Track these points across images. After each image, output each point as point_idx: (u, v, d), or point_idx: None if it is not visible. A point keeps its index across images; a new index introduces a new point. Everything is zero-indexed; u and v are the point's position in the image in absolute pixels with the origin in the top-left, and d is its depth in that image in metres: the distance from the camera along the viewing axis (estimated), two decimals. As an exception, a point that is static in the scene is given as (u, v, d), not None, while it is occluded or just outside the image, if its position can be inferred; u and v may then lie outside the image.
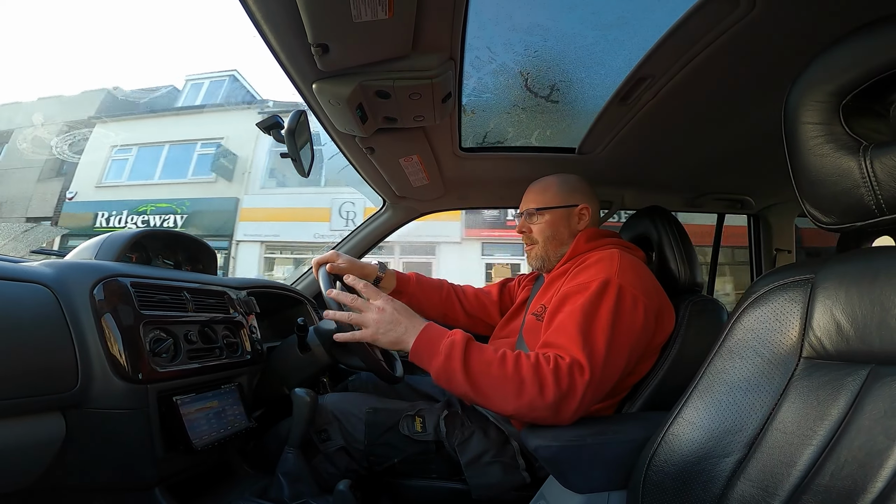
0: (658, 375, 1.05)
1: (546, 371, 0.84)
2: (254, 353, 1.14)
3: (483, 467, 1.00)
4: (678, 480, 0.67)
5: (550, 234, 1.18)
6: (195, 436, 0.89)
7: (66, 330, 0.80)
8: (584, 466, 0.85)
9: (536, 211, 1.20)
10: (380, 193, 1.70)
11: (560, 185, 1.21)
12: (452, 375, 0.85)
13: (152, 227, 1.25)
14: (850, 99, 0.56)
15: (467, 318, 1.48)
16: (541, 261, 1.20)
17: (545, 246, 1.19)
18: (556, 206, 1.19)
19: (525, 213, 1.23)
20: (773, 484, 0.57)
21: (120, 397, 0.82)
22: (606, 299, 0.92)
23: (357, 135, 1.14)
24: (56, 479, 0.82)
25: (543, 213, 1.19)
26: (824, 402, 0.56)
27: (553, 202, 1.19)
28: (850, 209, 0.56)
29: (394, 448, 1.03)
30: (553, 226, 1.18)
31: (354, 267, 1.31)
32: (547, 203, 1.19)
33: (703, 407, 0.68)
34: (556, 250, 1.18)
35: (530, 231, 1.21)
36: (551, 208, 1.19)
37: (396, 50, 0.84)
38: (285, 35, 0.78)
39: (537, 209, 1.20)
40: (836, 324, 0.58)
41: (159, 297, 0.96)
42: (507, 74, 1.14)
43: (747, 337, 0.66)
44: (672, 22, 0.79)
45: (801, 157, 0.61)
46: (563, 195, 1.19)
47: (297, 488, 0.95)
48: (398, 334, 0.91)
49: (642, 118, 1.10)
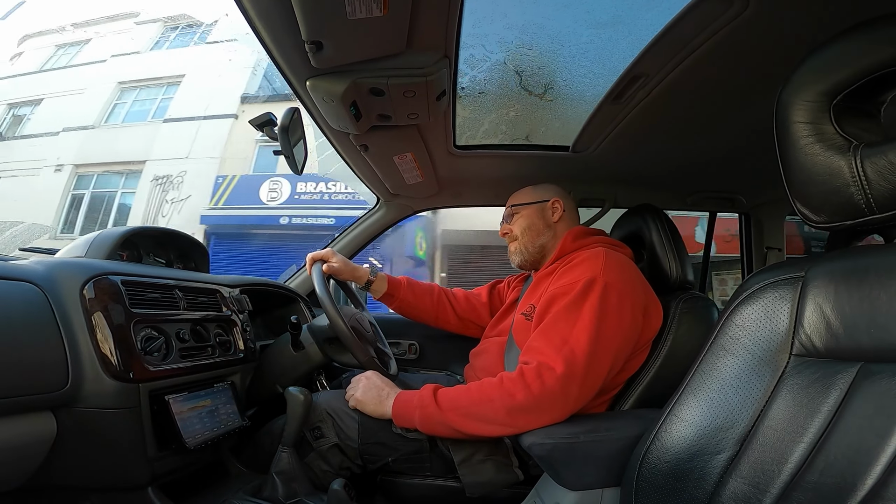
0: (650, 372, 1.06)
1: (510, 379, 0.93)
2: (247, 352, 1.14)
3: (476, 465, 1.00)
4: (671, 478, 0.68)
5: (527, 226, 1.28)
6: (188, 435, 0.88)
7: (56, 329, 0.78)
8: (577, 464, 0.86)
9: (512, 207, 1.32)
10: (373, 191, 1.69)
11: (533, 187, 1.34)
12: (431, 419, 0.95)
13: (143, 225, 1.24)
14: (841, 98, 0.57)
15: (458, 320, 1.50)
16: (521, 255, 1.29)
17: (523, 239, 1.28)
18: (529, 202, 1.30)
19: (505, 217, 1.35)
20: (764, 481, 0.58)
21: (111, 396, 0.81)
22: (591, 297, 0.97)
23: (351, 132, 1.14)
24: (47, 479, 0.81)
25: (519, 209, 1.31)
26: (814, 400, 0.56)
27: (527, 199, 1.31)
28: (841, 208, 0.57)
29: (387, 447, 1.03)
30: (528, 218, 1.28)
31: (347, 268, 1.33)
32: (521, 201, 1.32)
33: (695, 404, 0.69)
34: (533, 241, 1.27)
35: (511, 231, 1.31)
36: (526, 204, 1.30)
37: (391, 47, 0.84)
38: (279, 32, 0.78)
39: (513, 205, 1.33)
40: (825, 321, 0.58)
41: (150, 295, 0.95)
42: (501, 72, 1.14)
43: (738, 334, 0.67)
44: (666, 21, 0.79)
45: (791, 155, 0.61)
46: (535, 193, 1.32)
47: (291, 487, 0.95)
48: (381, 398, 1.03)
49: (636, 117, 1.11)
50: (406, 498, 1.07)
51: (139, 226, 1.23)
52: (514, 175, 1.54)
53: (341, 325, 1.08)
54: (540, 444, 0.86)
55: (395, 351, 1.78)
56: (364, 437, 1.03)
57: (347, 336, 1.09)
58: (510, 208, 1.33)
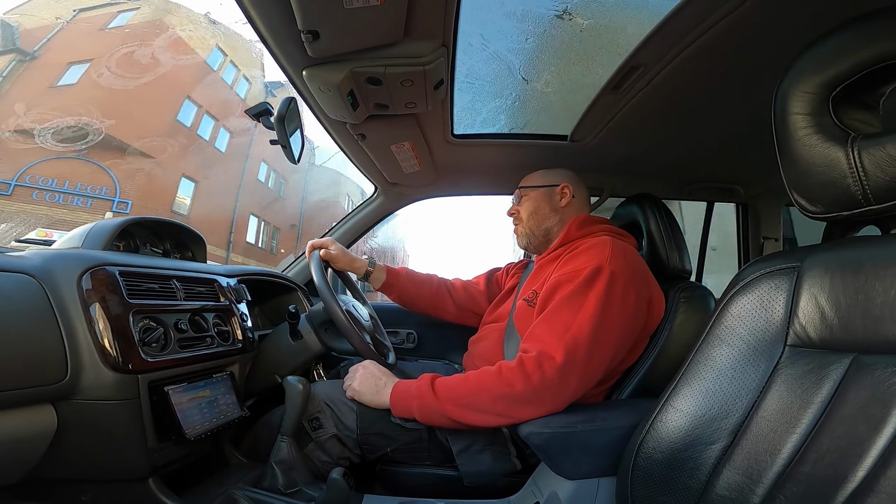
0: (647, 362, 1.07)
1: (508, 369, 0.92)
2: (245, 342, 1.14)
3: (474, 454, 1.01)
4: (666, 467, 0.69)
5: (533, 210, 1.28)
6: (187, 425, 0.88)
7: (54, 320, 0.78)
8: (574, 453, 0.86)
9: (521, 189, 1.32)
10: (371, 180, 1.69)
11: (545, 171, 1.32)
12: (429, 409, 0.95)
13: (139, 216, 1.23)
14: (840, 90, 0.57)
15: (457, 309, 1.51)
16: (526, 238, 1.30)
17: (528, 222, 1.28)
18: (538, 185, 1.29)
19: (514, 197, 1.34)
20: (757, 471, 0.58)
21: (110, 388, 0.81)
22: (597, 285, 0.96)
23: (348, 121, 1.13)
24: (48, 471, 0.81)
25: (528, 191, 1.30)
26: (808, 391, 0.57)
27: (536, 182, 1.31)
28: (837, 199, 0.57)
29: (386, 437, 1.04)
30: (536, 201, 1.28)
31: (346, 257, 1.33)
32: (531, 183, 1.31)
33: (690, 394, 0.69)
34: (538, 224, 1.27)
35: (518, 212, 1.31)
36: (535, 187, 1.30)
37: (388, 36, 0.83)
38: (275, 21, 0.77)
39: (521, 187, 1.32)
40: (820, 312, 0.59)
41: (148, 285, 0.94)
42: (499, 61, 1.13)
43: (734, 324, 0.67)
44: (667, 11, 0.78)
45: (789, 146, 0.61)
46: (546, 177, 1.30)
47: (290, 477, 0.96)
48: (379, 388, 1.03)
49: (634, 106, 1.10)
50: (405, 487, 1.08)
51: (135, 216, 1.22)
52: (512, 164, 1.54)
53: (335, 307, 1.08)
54: (537, 433, 0.87)
55: (394, 340, 1.79)
56: (362, 427, 1.04)
57: (341, 319, 1.09)
58: (520, 190, 1.32)
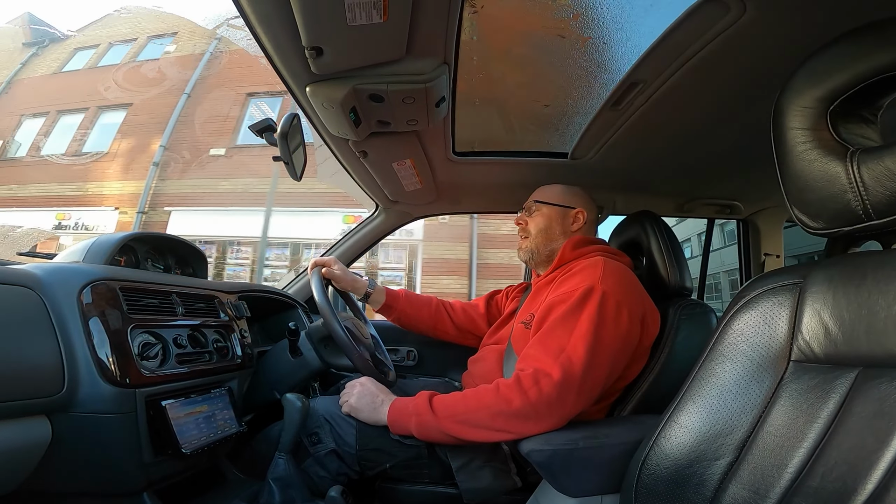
0: (649, 378, 1.06)
1: (506, 386, 0.92)
2: (244, 358, 1.13)
3: (474, 471, 1.00)
4: (670, 484, 0.68)
5: (543, 227, 1.25)
6: (184, 440, 0.87)
7: (53, 333, 0.78)
8: (576, 470, 0.85)
9: (536, 203, 1.28)
10: (372, 197, 1.69)
11: (564, 188, 1.29)
12: (427, 426, 0.94)
13: (141, 232, 1.23)
14: (837, 104, 0.57)
15: (457, 331, 1.50)
16: (529, 253, 1.27)
17: (536, 238, 1.25)
18: (555, 202, 1.26)
19: (525, 207, 1.31)
20: (763, 487, 0.57)
21: (107, 401, 0.80)
22: (589, 306, 0.97)
23: (350, 138, 1.14)
24: (42, 484, 0.80)
25: (542, 206, 1.27)
26: (814, 405, 0.56)
27: (553, 199, 1.27)
28: (838, 214, 0.57)
29: (385, 453, 1.02)
30: (548, 219, 1.25)
31: (347, 277, 1.34)
32: (548, 199, 1.27)
33: (694, 410, 0.69)
34: (545, 244, 1.24)
35: (526, 224, 1.28)
36: (550, 203, 1.26)
37: (390, 54, 0.84)
38: (279, 37, 0.78)
39: (537, 201, 1.28)
40: (824, 327, 0.58)
41: (148, 300, 0.94)
42: (500, 79, 1.14)
43: (737, 341, 0.67)
44: (664, 28, 0.79)
45: (789, 162, 0.61)
46: (564, 196, 1.27)
47: (288, 494, 0.94)
48: (376, 405, 1.02)
49: (634, 123, 1.11)
50: None
51: (137, 231, 1.23)
52: (513, 182, 1.55)
53: (335, 323, 1.08)
54: (539, 450, 0.86)
55: (394, 357, 1.77)
56: (362, 442, 1.03)
57: (340, 335, 1.08)
58: (534, 203, 1.29)
